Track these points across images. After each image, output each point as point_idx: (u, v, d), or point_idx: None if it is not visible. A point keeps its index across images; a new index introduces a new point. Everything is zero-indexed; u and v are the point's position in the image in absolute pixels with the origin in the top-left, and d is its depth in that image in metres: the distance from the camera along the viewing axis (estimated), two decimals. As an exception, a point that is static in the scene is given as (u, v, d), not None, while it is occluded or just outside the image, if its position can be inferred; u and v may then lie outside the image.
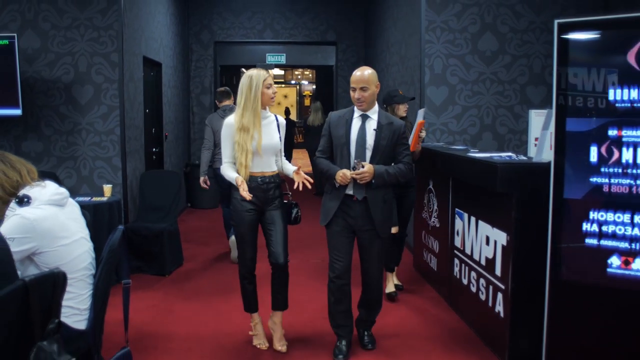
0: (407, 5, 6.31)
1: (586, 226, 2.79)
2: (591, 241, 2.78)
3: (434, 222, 4.72)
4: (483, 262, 3.68)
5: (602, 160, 2.72)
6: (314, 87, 19.26)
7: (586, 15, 4.41)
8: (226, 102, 5.53)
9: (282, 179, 3.55)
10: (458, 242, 4.13)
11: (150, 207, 5.51)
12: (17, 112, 4.88)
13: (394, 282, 4.59)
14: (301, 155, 14.33)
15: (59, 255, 2.37)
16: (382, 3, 7.77)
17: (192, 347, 3.61)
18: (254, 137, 3.32)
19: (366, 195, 3.29)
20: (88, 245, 2.55)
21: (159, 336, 3.77)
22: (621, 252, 2.71)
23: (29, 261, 2.36)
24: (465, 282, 4.00)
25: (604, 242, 2.75)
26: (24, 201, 2.37)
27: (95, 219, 4.44)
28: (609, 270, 2.75)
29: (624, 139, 2.67)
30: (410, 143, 4.02)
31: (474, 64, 5.56)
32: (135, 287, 3.20)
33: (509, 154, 3.72)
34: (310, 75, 20.00)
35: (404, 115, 4.35)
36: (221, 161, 3.50)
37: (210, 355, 3.51)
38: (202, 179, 5.32)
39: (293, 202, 3.58)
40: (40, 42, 5.21)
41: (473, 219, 3.85)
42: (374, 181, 3.24)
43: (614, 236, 2.73)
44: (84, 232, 2.56)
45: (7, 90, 4.81)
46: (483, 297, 3.68)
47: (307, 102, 20.52)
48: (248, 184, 3.31)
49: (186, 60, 9.05)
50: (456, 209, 4.16)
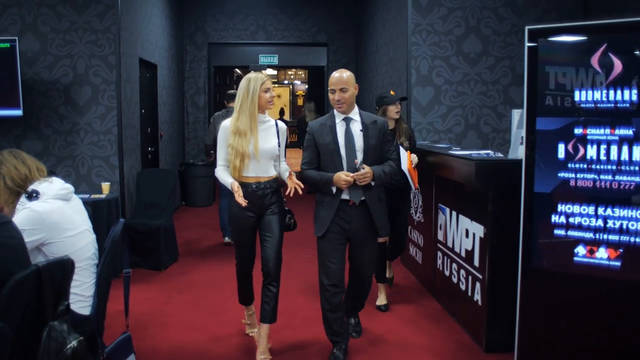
0: (394, 9, 6.52)
1: (555, 218, 3.00)
2: (559, 232, 2.99)
3: (419, 217, 4.94)
4: (463, 254, 3.89)
5: (569, 156, 2.93)
6: (307, 86, 19.45)
7: (557, 22, 4.67)
8: (233, 104, 5.74)
9: (281, 183, 3.48)
10: (441, 236, 4.35)
11: (146, 204, 5.70)
12: (18, 112, 5.06)
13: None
14: (295, 155, 14.52)
15: (65, 246, 2.56)
16: (372, 6, 7.98)
17: (188, 336, 3.81)
18: (250, 141, 3.28)
19: (365, 197, 3.27)
20: (92, 237, 2.75)
21: (156, 326, 3.97)
22: (586, 242, 2.92)
23: (37, 251, 2.54)
24: (447, 273, 4.21)
25: (571, 233, 2.96)
26: (32, 196, 2.57)
27: (94, 216, 4.62)
28: (575, 259, 2.96)
29: (588, 137, 2.88)
30: (412, 183, 3.90)
31: (459, 66, 5.77)
32: (133, 281, 3.35)
33: (488, 151, 3.94)
34: (303, 75, 20.19)
35: (397, 117, 4.07)
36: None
37: (205, 342, 3.71)
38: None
39: (286, 208, 3.53)
40: (39, 44, 5.39)
41: (454, 213, 4.06)
42: (373, 182, 3.25)
43: (579, 227, 2.94)
44: (88, 225, 2.76)
45: (9, 92, 4.99)
46: (463, 287, 3.89)
47: (300, 101, 20.73)
48: (243, 190, 3.27)
49: (181, 61, 9.23)
50: (439, 204, 4.37)
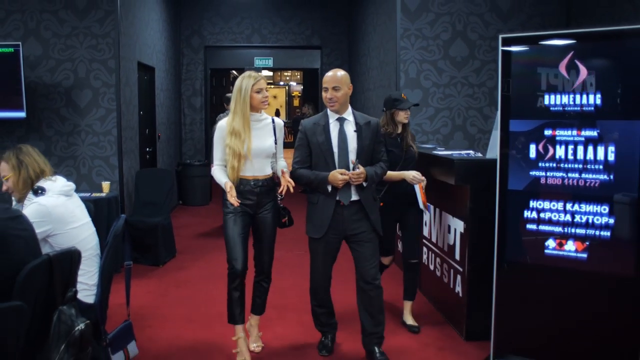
0: (384, 14, 6.74)
1: (527, 213, 3.21)
2: (531, 226, 3.21)
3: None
4: (445, 249, 4.11)
5: (540, 156, 3.15)
6: (302, 88, 19.68)
7: (541, 27, 4.87)
8: None
9: (276, 181, 3.49)
10: (426, 232, 4.57)
11: (145, 202, 5.91)
12: (22, 114, 5.26)
13: (409, 323, 4.00)
14: (291, 155, 14.73)
15: (69, 237, 2.80)
16: (364, 10, 8.20)
17: (185, 327, 4.02)
18: (244, 141, 3.29)
19: (360, 197, 3.31)
20: (92, 229, 3.01)
21: (154, 317, 4.18)
22: (556, 236, 3.14)
23: (43, 242, 2.77)
24: (432, 267, 4.43)
25: (542, 227, 3.18)
26: (38, 192, 2.83)
27: (96, 213, 4.78)
28: (546, 251, 3.18)
29: (557, 138, 3.10)
30: (423, 206, 3.83)
31: (446, 69, 6.00)
32: (132, 276, 3.52)
33: (469, 151, 4.16)
34: (299, 77, 20.41)
35: (405, 122, 3.86)
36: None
37: (202, 331, 3.92)
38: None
39: (282, 206, 3.55)
40: (42, 49, 5.59)
41: (438, 210, 4.28)
42: (365, 183, 3.29)
43: (549, 222, 3.16)
44: (88, 218, 3.02)
45: (12, 95, 5.19)
46: (446, 280, 4.11)
47: (296, 102, 20.94)
48: (241, 187, 3.32)
49: (178, 64, 9.44)
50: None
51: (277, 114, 14.83)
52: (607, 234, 2.99)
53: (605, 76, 2.97)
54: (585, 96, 3.01)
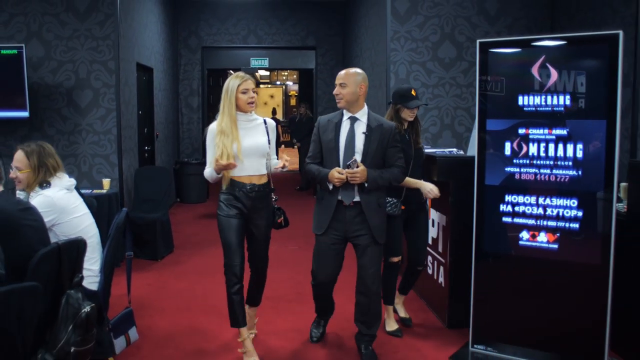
0: (375, 16, 6.95)
1: (503, 207, 3.43)
2: (507, 219, 3.42)
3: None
4: (430, 242, 4.33)
5: (514, 153, 3.37)
6: (298, 87, 19.88)
7: (526, 30, 5.06)
8: None
9: (272, 188, 3.50)
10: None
11: (143, 199, 6.12)
12: (25, 114, 5.46)
13: (402, 315, 4.11)
14: (290, 153, 14.95)
15: (72, 226, 3.04)
16: (357, 12, 8.41)
17: (183, 315, 4.23)
18: (233, 142, 3.27)
19: (360, 200, 3.29)
20: (92, 220, 3.26)
21: (153, 307, 4.39)
22: (529, 228, 3.36)
23: (48, 231, 2.99)
24: (418, 260, 4.64)
25: (516, 220, 3.40)
26: (43, 186, 3.07)
27: (97, 209, 5.03)
28: (520, 242, 3.39)
29: (530, 136, 3.32)
30: None
31: (435, 70, 6.20)
32: (132, 269, 3.73)
33: (452, 149, 4.37)
34: (295, 76, 20.60)
35: (410, 119, 3.77)
36: None
37: (199, 318, 4.13)
38: None
39: (276, 206, 3.53)
40: (44, 51, 5.80)
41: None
42: (366, 185, 3.24)
43: (523, 215, 3.37)
44: (88, 210, 3.26)
45: (16, 95, 5.40)
46: (430, 271, 4.33)
47: (292, 101, 21.13)
48: (235, 191, 3.32)
49: (175, 64, 9.64)
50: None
51: (274, 112, 15.01)
52: (576, 225, 3.22)
53: (573, 79, 3.18)
54: (555, 97, 3.22)
